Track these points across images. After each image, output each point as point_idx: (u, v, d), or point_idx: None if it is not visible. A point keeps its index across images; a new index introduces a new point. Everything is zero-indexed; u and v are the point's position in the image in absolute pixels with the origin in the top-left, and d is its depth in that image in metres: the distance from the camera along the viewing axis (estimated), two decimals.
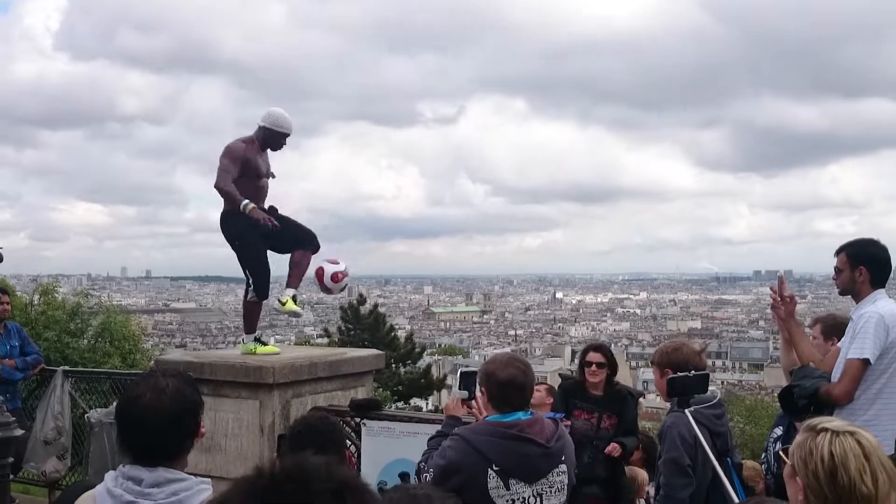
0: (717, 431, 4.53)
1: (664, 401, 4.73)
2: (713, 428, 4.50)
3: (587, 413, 6.09)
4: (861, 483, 2.30)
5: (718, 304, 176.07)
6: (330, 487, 1.06)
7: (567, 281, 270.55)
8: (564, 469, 3.55)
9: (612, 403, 6.12)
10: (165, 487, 2.45)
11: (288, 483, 1.06)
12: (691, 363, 4.49)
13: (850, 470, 2.31)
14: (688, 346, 4.70)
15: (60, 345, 16.37)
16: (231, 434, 6.37)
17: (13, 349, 8.07)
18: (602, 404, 6.11)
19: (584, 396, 6.15)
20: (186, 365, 6.66)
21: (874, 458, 2.33)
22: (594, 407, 6.10)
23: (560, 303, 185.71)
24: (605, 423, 6.08)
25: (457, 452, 3.46)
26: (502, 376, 3.52)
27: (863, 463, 2.31)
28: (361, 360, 7.13)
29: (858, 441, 2.35)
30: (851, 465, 2.31)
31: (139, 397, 2.50)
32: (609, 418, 6.08)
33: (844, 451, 2.34)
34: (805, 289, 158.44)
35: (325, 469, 1.09)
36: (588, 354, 6.29)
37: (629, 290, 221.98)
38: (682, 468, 4.33)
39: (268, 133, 6.70)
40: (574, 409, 6.09)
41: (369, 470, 5.80)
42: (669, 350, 4.65)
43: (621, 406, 6.14)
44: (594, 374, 6.13)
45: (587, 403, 6.12)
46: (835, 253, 4.49)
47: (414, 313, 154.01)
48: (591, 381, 6.13)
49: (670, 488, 4.37)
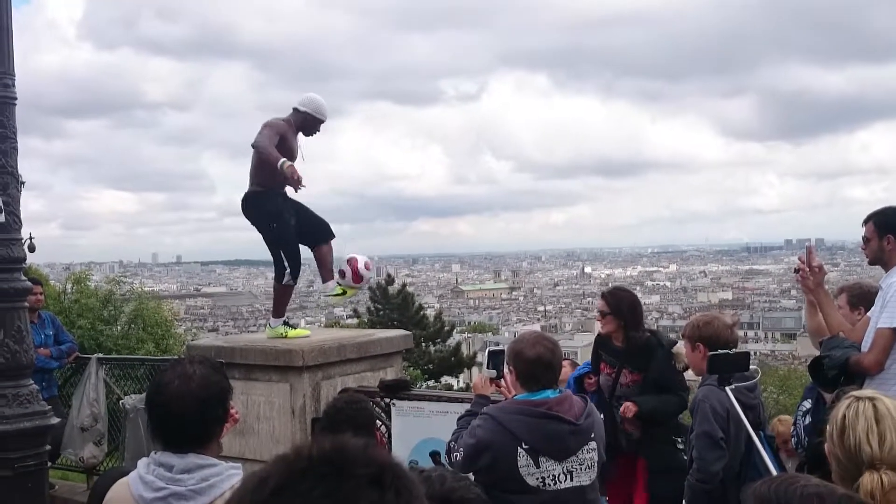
0: (750, 405, 4.49)
1: (695, 374, 4.72)
2: (746, 401, 4.47)
3: (610, 367, 5.38)
4: (866, 443, 2.37)
5: (749, 274, 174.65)
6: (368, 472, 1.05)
7: (595, 255, 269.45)
8: (594, 446, 3.55)
9: (633, 356, 5.25)
10: (196, 473, 2.48)
11: (326, 465, 1.04)
12: (722, 337, 4.47)
13: (856, 430, 2.39)
14: (719, 320, 4.65)
15: (94, 332, 16.64)
16: (263, 417, 6.44)
17: (48, 338, 8.18)
18: (623, 357, 5.29)
19: (608, 348, 5.42)
20: (217, 350, 6.74)
21: (886, 422, 2.39)
22: (615, 360, 5.36)
23: (589, 277, 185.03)
24: (624, 380, 5.28)
25: (486, 431, 3.47)
26: (530, 354, 3.52)
27: (871, 425, 2.39)
28: (390, 340, 7.16)
29: (874, 405, 2.42)
30: (859, 426, 2.40)
31: (167, 385, 2.53)
32: (631, 374, 5.26)
33: (857, 413, 2.43)
34: (837, 256, 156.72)
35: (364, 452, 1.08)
36: (599, 301, 5.61)
37: (658, 263, 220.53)
38: (715, 441, 4.31)
39: (308, 118, 6.68)
40: (601, 363, 5.46)
41: (400, 450, 5.83)
42: (700, 324, 4.60)
43: (646, 359, 5.20)
44: (601, 322, 5.44)
45: (610, 356, 5.40)
46: (862, 222, 4.44)
47: (442, 292, 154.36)
48: (604, 331, 5.46)
49: (703, 461, 4.36)
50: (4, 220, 5.50)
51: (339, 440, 1.09)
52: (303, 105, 6.68)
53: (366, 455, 1.07)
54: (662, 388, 5.16)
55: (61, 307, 16.74)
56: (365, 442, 1.10)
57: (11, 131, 5.55)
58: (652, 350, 5.21)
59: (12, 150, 5.56)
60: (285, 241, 6.65)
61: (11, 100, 5.56)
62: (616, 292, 5.59)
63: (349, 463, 1.04)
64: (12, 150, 5.56)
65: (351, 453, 1.06)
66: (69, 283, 19.52)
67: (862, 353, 4.25)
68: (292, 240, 6.67)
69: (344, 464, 1.04)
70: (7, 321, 5.50)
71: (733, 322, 4.81)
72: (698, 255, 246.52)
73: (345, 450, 1.07)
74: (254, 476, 1.05)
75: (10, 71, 5.54)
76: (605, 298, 5.43)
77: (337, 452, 1.06)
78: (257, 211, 6.61)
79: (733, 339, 4.60)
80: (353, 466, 1.04)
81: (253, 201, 6.62)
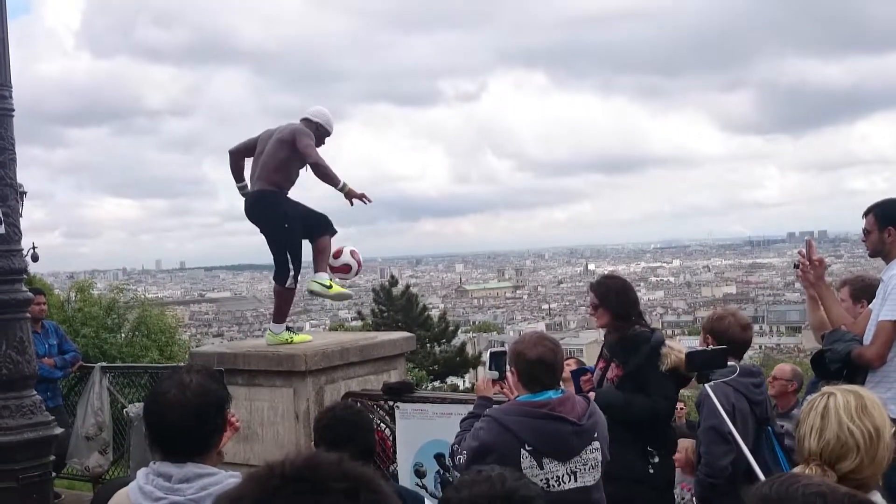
0: (756, 400, 4.51)
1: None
2: (752, 397, 4.48)
3: (603, 361, 5.00)
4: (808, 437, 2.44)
5: (753, 268, 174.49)
6: (343, 487, 1.03)
7: (598, 252, 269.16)
8: (598, 446, 3.53)
9: (620, 349, 4.83)
10: (195, 482, 2.47)
11: (300, 482, 1.03)
12: (731, 335, 4.52)
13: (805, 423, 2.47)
14: (734, 318, 4.67)
15: (98, 340, 16.65)
16: (267, 422, 6.43)
17: (51, 348, 8.19)
18: (611, 350, 4.91)
19: (606, 341, 5.07)
20: (220, 356, 6.73)
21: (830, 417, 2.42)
22: (606, 354, 4.98)
23: (592, 274, 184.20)
24: (611, 374, 4.84)
25: (489, 433, 3.45)
26: (532, 355, 3.51)
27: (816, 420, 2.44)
28: (392, 343, 7.14)
29: (827, 401, 2.46)
30: (808, 419, 2.46)
31: (164, 394, 2.53)
32: (617, 367, 4.82)
33: (812, 406, 2.49)
34: (840, 248, 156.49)
35: (338, 467, 1.07)
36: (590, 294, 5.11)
37: (661, 259, 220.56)
38: (722, 436, 4.30)
39: (320, 129, 6.67)
40: (600, 358, 5.10)
41: (405, 452, 5.83)
42: (714, 318, 4.71)
43: (630, 352, 4.75)
44: (594, 317, 5.01)
45: (606, 350, 5.02)
46: (863, 214, 4.43)
47: (447, 292, 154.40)
48: (598, 325, 5.03)
49: (711, 456, 4.37)
50: (4, 231, 5.50)
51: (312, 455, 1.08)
52: (315, 116, 6.67)
53: (340, 469, 1.06)
54: (638, 388, 4.65)
55: (65, 316, 16.76)
56: (339, 456, 1.09)
57: (10, 143, 5.55)
58: (636, 343, 4.74)
59: (11, 162, 5.57)
60: (294, 242, 6.57)
61: (9, 111, 5.57)
62: (604, 281, 5.12)
63: (323, 479, 1.03)
64: (11, 162, 5.57)
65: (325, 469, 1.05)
66: (72, 291, 19.54)
67: (864, 346, 4.24)
68: (299, 242, 6.62)
69: (318, 480, 1.03)
70: (9, 332, 5.50)
71: (748, 322, 4.80)
72: (701, 250, 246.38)
73: (318, 465, 1.06)
74: (226, 496, 1.05)
75: (8, 83, 5.54)
76: (594, 289, 4.97)
77: (310, 468, 1.05)
78: (271, 211, 6.49)
79: (743, 338, 4.63)
80: (328, 482, 1.03)
81: (266, 200, 6.49)
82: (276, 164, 6.44)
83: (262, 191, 6.48)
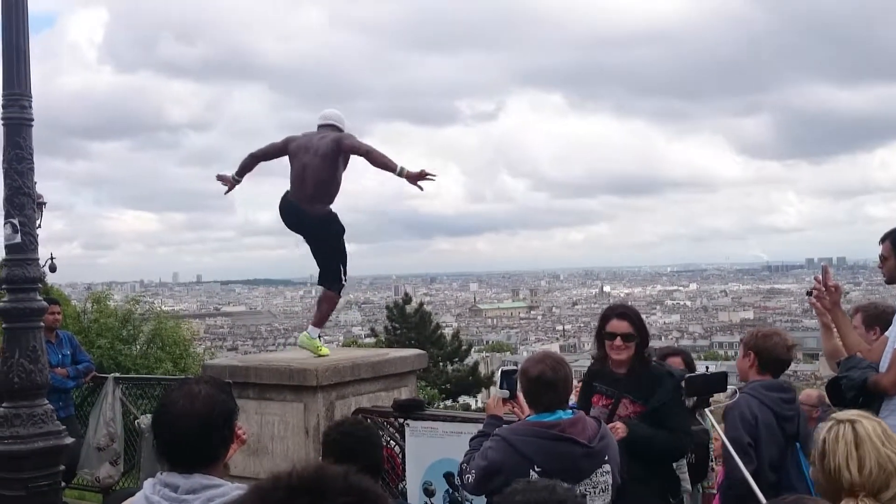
0: (786, 416, 4.50)
1: (739, 379, 4.71)
2: (781, 412, 4.48)
3: (606, 398, 4.55)
4: (845, 469, 2.37)
5: (771, 293, 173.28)
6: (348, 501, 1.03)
7: (614, 274, 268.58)
8: (609, 469, 3.51)
9: (637, 385, 4.47)
10: (201, 493, 2.46)
11: (304, 496, 1.02)
12: (776, 354, 4.55)
13: (836, 455, 2.40)
14: (780, 337, 4.67)
15: (113, 352, 16.71)
16: (277, 436, 6.42)
17: (65, 358, 8.21)
18: (624, 385, 4.50)
19: (604, 377, 4.60)
20: (232, 369, 6.73)
21: (866, 446, 2.38)
22: (614, 389, 4.54)
23: (608, 296, 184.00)
24: (624, 410, 4.46)
25: (498, 453, 3.44)
26: (533, 373, 3.52)
27: (851, 450, 2.38)
28: (404, 360, 7.13)
29: (854, 429, 2.42)
30: (839, 450, 2.40)
31: (172, 404, 2.53)
32: (632, 404, 4.46)
33: (837, 436, 2.43)
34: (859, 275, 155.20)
35: (344, 480, 1.06)
36: (610, 323, 4.56)
37: (678, 282, 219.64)
38: (742, 447, 4.29)
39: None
40: (594, 394, 4.63)
41: (414, 470, 5.80)
42: (760, 335, 4.67)
43: (652, 388, 4.42)
44: (618, 349, 4.48)
45: (607, 386, 4.58)
46: (879, 241, 4.39)
47: (460, 310, 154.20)
48: (616, 359, 4.53)
49: (731, 468, 4.34)
50: (21, 240, 5.55)
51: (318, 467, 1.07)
52: (337, 121, 6.76)
53: (346, 483, 1.05)
54: (663, 424, 4.39)
55: (81, 327, 16.84)
56: (345, 469, 1.08)
57: (28, 152, 5.61)
58: (659, 378, 4.48)
59: (29, 171, 5.62)
60: (343, 252, 6.78)
61: (28, 121, 5.63)
62: (634, 310, 4.80)
63: (328, 492, 1.02)
64: (29, 171, 5.62)
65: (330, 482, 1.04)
66: (89, 302, 19.63)
67: (880, 373, 4.19)
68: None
69: (323, 493, 1.02)
70: (22, 341, 5.53)
71: (793, 344, 4.80)
72: (719, 274, 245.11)
73: (324, 478, 1.05)
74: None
75: (27, 93, 5.61)
76: (628, 318, 4.55)
77: (315, 481, 1.04)
78: (335, 229, 6.72)
79: (788, 358, 4.67)
80: (332, 495, 1.02)
81: (334, 222, 6.71)
82: (331, 181, 6.57)
83: (331, 213, 6.68)
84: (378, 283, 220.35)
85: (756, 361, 4.56)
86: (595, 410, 4.46)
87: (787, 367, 4.84)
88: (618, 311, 4.66)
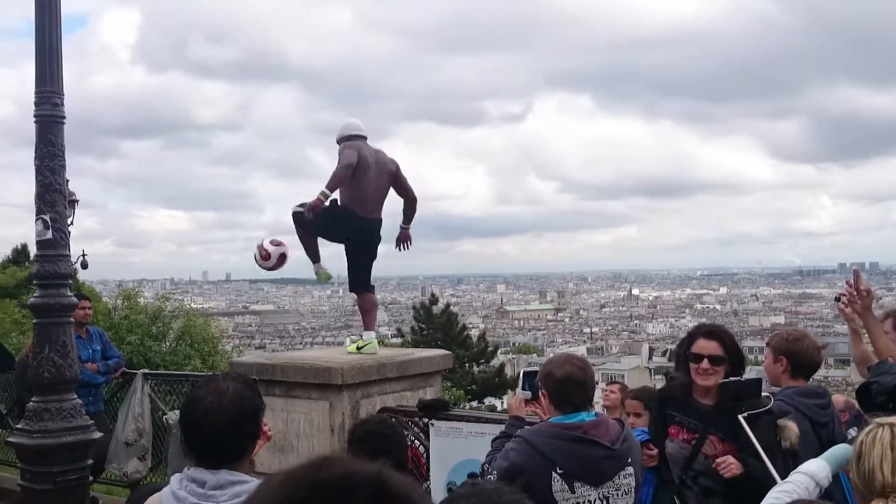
0: (821, 422, 4.42)
1: (770, 384, 4.66)
2: (816, 418, 4.41)
3: (688, 431, 4.02)
4: (879, 470, 2.39)
5: (802, 298, 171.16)
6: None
7: (643, 277, 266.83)
8: (631, 472, 3.48)
9: (727, 420, 3.91)
10: (228, 489, 2.48)
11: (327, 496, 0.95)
12: (809, 357, 4.48)
13: (871, 456, 2.43)
14: (810, 339, 4.60)
15: (143, 348, 16.87)
16: (303, 434, 6.45)
17: (95, 353, 8.31)
18: (711, 420, 3.96)
19: (686, 407, 4.05)
20: (259, 367, 6.78)
21: None
22: (697, 423, 4.00)
23: (636, 299, 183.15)
24: (710, 450, 3.94)
25: (519, 455, 3.42)
26: (559, 374, 3.48)
27: (886, 452, 2.40)
28: (429, 360, 7.13)
29: (893, 431, 2.44)
30: (875, 452, 2.42)
31: (200, 400, 2.54)
32: (721, 443, 3.94)
33: (874, 439, 2.46)
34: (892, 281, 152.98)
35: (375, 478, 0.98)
36: (697, 342, 4.04)
37: (708, 286, 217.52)
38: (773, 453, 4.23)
39: None
40: (671, 425, 4.08)
41: (438, 470, 5.80)
42: (790, 338, 4.57)
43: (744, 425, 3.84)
44: (706, 374, 3.98)
45: (688, 417, 4.03)
46: None
47: (487, 312, 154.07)
48: (701, 386, 4.02)
49: None
50: (52, 236, 5.62)
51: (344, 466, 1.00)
52: (362, 131, 6.84)
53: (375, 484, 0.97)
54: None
55: (111, 323, 17.02)
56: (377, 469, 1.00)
57: (60, 150, 5.68)
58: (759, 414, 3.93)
59: (60, 168, 5.69)
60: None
61: (60, 119, 5.70)
62: (726, 330, 4.35)
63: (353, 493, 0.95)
64: (60, 168, 5.69)
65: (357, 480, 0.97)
66: (119, 299, 19.84)
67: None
68: None
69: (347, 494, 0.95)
70: (52, 336, 5.60)
71: (823, 345, 4.75)
72: (749, 278, 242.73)
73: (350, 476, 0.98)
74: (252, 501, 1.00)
75: (60, 90, 5.68)
76: (718, 337, 4.08)
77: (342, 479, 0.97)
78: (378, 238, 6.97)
79: (819, 361, 4.60)
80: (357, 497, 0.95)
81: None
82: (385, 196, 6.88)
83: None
84: (405, 284, 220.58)
85: (788, 366, 4.47)
86: (673, 445, 4.05)
87: (818, 370, 4.78)
88: (705, 329, 4.22)
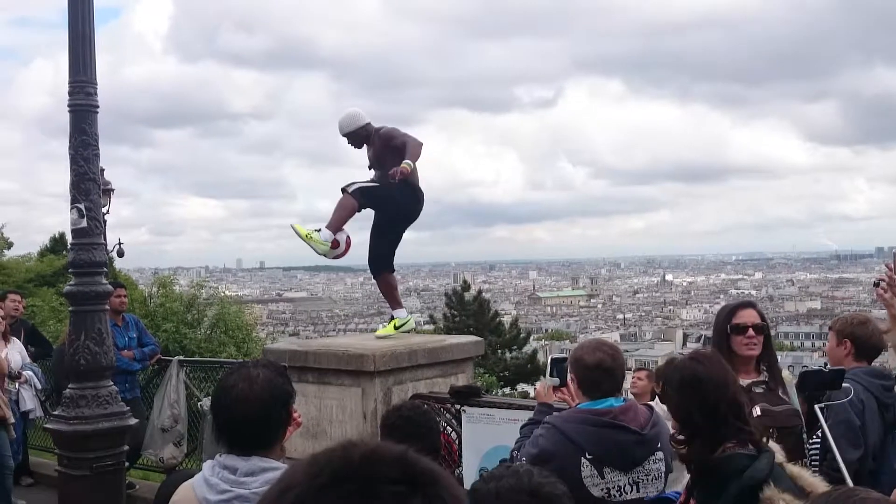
0: (886, 403, 4.41)
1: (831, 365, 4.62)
2: (882, 399, 4.40)
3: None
4: None
5: (839, 283, 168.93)
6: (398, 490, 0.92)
7: (676, 262, 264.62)
8: (661, 456, 3.46)
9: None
10: (259, 476, 2.50)
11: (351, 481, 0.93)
12: (873, 341, 4.47)
13: None
14: (873, 323, 4.58)
15: (178, 335, 17.05)
16: (335, 420, 6.49)
17: (131, 340, 8.42)
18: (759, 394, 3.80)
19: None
20: (292, 353, 6.82)
21: None
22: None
23: (670, 285, 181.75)
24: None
25: (549, 441, 3.41)
26: (590, 361, 3.47)
27: None
28: (461, 346, 7.13)
29: None
30: None
31: (231, 388, 2.56)
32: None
33: None
34: None
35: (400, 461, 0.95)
36: (739, 313, 3.92)
37: (743, 271, 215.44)
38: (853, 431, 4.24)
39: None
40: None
41: (470, 457, 5.81)
42: (855, 322, 4.57)
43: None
44: (750, 343, 3.84)
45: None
46: None
47: (520, 298, 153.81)
48: (745, 356, 3.85)
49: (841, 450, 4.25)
50: (86, 224, 5.68)
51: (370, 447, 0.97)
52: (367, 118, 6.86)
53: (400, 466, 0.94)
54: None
55: (147, 311, 17.23)
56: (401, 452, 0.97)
57: (94, 139, 5.72)
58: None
59: (95, 157, 5.75)
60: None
61: (94, 108, 5.74)
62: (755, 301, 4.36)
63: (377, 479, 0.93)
64: (95, 157, 5.75)
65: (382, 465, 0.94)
66: (155, 287, 20.06)
67: None
68: None
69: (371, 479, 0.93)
70: (88, 324, 5.67)
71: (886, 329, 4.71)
72: (785, 263, 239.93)
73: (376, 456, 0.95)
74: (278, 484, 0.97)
75: (93, 80, 5.71)
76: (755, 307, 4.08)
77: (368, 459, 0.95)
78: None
79: (882, 345, 4.58)
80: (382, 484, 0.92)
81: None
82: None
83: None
84: (437, 271, 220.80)
85: (852, 349, 4.47)
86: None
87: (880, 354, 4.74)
88: (741, 301, 4.19)
